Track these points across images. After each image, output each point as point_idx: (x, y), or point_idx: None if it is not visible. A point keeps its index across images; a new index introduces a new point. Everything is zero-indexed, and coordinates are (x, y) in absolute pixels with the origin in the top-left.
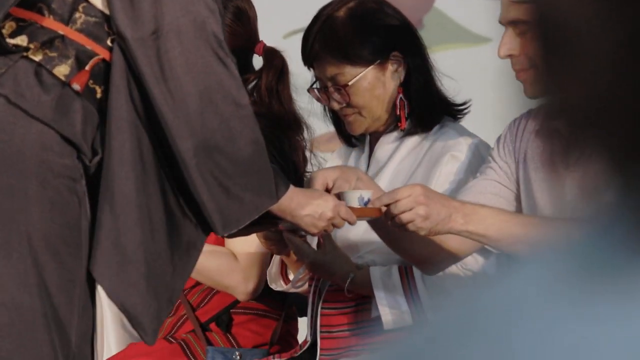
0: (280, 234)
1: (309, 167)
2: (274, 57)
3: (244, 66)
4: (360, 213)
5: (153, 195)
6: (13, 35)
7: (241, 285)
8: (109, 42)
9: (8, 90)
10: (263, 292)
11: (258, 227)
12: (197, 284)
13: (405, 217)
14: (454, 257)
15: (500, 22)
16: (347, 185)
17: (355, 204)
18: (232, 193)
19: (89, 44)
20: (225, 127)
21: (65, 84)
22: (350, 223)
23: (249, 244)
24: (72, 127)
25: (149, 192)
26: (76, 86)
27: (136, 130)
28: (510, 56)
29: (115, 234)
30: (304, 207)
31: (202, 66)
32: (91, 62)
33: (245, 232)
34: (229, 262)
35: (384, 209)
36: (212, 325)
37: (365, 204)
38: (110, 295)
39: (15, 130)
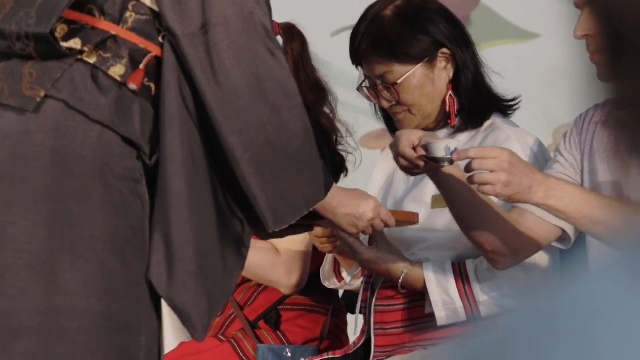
0: (331, 231)
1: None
2: (293, 32)
3: None
4: (399, 217)
5: (204, 193)
6: (66, 38)
7: (284, 279)
8: (160, 39)
9: (66, 94)
10: (310, 287)
11: (301, 228)
12: (243, 282)
13: (485, 177)
14: (534, 245)
15: (576, 5)
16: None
17: (442, 153)
18: (283, 188)
19: (142, 42)
20: (276, 119)
21: (122, 85)
22: (389, 226)
23: (291, 238)
24: (131, 128)
25: (199, 190)
26: (133, 86)
27: (187, 126)
28: (586, 36)
29: (166, 232)
30: (345, 205)
31: (251, 58)
32: (145, 60)
33: (291, 231)
34: (272, 257)
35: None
36: (261, 323)
37: (452, 153)
38: (159, 291)
39: (77, 134)
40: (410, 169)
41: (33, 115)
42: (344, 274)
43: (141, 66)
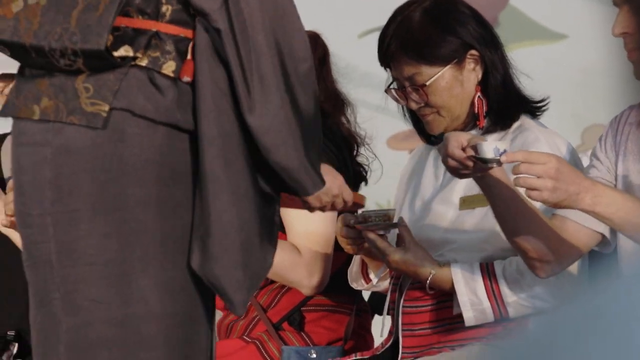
0: (358, 232)
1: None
2: (317, 41)
3: None
4: (355, 199)
5: (239, 169)
6: (115, 47)
7: (305, 280)
8: (194, 23)
9: (129, 103)
10: (333, 288)
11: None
12: (266, 284)
13: (532, 182)
14: (575, 252)
15: (615, 3)
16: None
17: (491, 154)
18: (311, 150)
19: (182, 32)
20: (297, 82)
21: (177, 79)
22: (347, 205)
23: (312, 238)
24: (189, 118)
25: (234, 167)
26: (187, 78)
27: (220, 103)
28: (624, 34)
29: (202, 209)
30: None
31: (273, 19)
32: (189, 49)
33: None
34: (293, 257)
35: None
36: (285, 325)
37: (500, 154)
38: (194, 267)
39: (143, 140)
40: (458, 170)
41: (99, 128)
42: (372, 276)
43: (188, 56)
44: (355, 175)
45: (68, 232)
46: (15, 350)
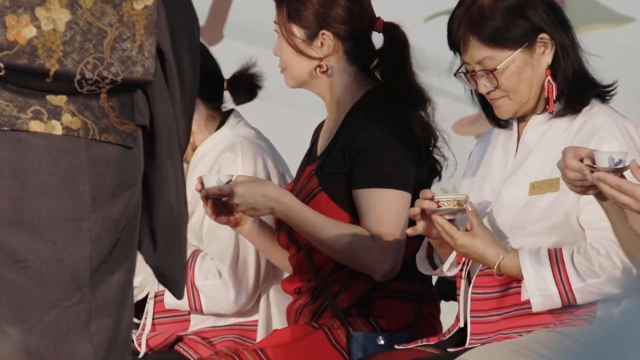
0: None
1: (440, 143)
2: (395, 33)
3: (366, 46)
4: None
5: (178, 160)
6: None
7: (378, 265)
8: None
9: (143, 118)
10: (402, 274)
11: None
12: (335, 270)
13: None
14: None
15: None
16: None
17: (606, 163)
18: None
19: None
20: None
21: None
22: None
23: (386, 224)
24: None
25: (178, 162)
26: None
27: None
28: None
29: (149, 202)
30: None
31: None
32: None
33: None
34: (366, 242)
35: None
36: (354, 311)
37: (616, 164)
38: (148, 261)
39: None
40: (577, 184)
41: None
42: (438, 262)
43: None
44: (430, 170)
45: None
46: None
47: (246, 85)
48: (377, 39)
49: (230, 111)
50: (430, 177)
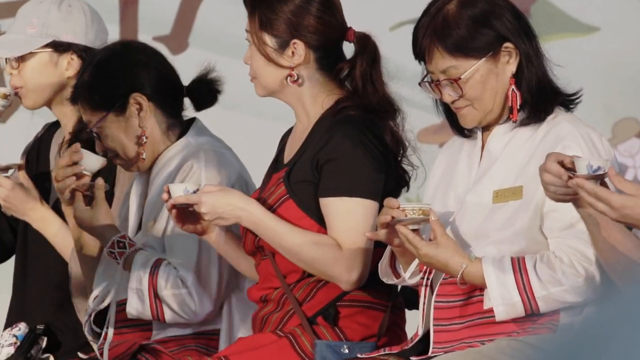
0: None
1: (409, 152)
2: (367, 43)
3: (337, 55)
4: None
5: None
6: None
7: (345, 275)
8: None
9: None
10: (369, 284)
11: None
12: (302, 278)
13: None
14: None
15: None
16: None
17: (584, 170)
18: None
19: None
20: None
21: None
22: None
23: (353, 233)
24: None
25: None
26: None
27: None
28: None
29: None
30: None
31: None
32: None
33: None
34: (334, 252)
35: None
36: (319, 319)
37: (595, 171)
38: None
39: None
40: (550, 190)
41: None
42: (401, 271)
43: None
44: (398, 180)
45: None
46: (44, 344)
47: (206, 90)
48: (348, 48)
49: (192, 120)
50: (398, 186)
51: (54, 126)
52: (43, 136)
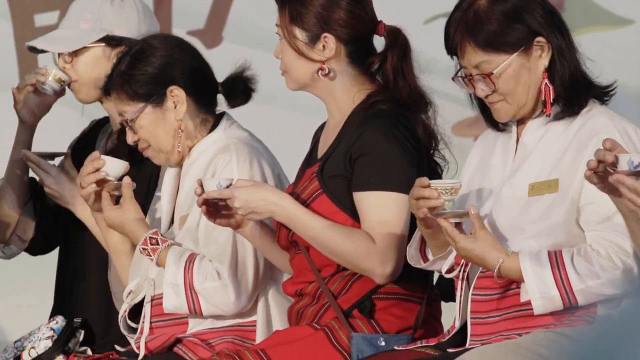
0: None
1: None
2: (397, 36)
3: (368, 49)
4: None
5: None
6: None
7: (378, 268)
8: None
9: None
10: (404, 276)
11: None
12: (337, 272)
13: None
14: None
15: None
16: None
17: (625, 166)
18: None
19: None
20: None
21: None
22: None
23: (386, 227)
24: None
25: None
26: None
27: None
28: None
29: None
30: None
31: None
32: None
33: None
34: (367, 246)
35: None
36: (355, 312)
37: (636, 167)
38: None
39: None
40: (595, 172)
41: None
42: (429, 255)
43: None
44: (431, 173)
45: None
46: (81, 337)
47: (241, 88)
48: (378, 42)
49: (222, 114)
50: (430, 179)
51: (100, 123)
52: (89, 131)
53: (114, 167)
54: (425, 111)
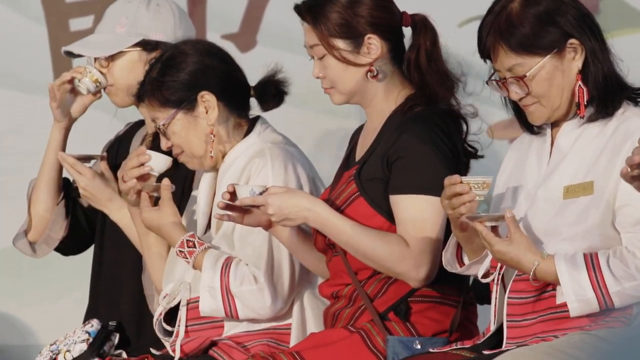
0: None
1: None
2: (426, 24)
3: (401, 45)
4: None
5: None
6: None
7: (413, 272)
8: None
9: None
10: (440, 279)
11: None
12: (373, 274)
13: None
14: None
15: None
16: None
17: None
18: None
19: None
20: None
21: None
22: None
23: (422, 230)
24: None
25: None
26: None
27: None
28: None
29: None
30: None
31: None
32: None
33: None
34: (401, 250)
35: None
36: (391, 315)
37: None
38: None
39: None
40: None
41: None
42: (465, 259)
43: None
44: (466, 153)
45: None
46: (116, 340)
47: (274, 91)
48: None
49: (257, 118)
50: (467, 160)
51: (135, 125)
52: (124, 134)
53: (158, 161)
54: (453, 93)
